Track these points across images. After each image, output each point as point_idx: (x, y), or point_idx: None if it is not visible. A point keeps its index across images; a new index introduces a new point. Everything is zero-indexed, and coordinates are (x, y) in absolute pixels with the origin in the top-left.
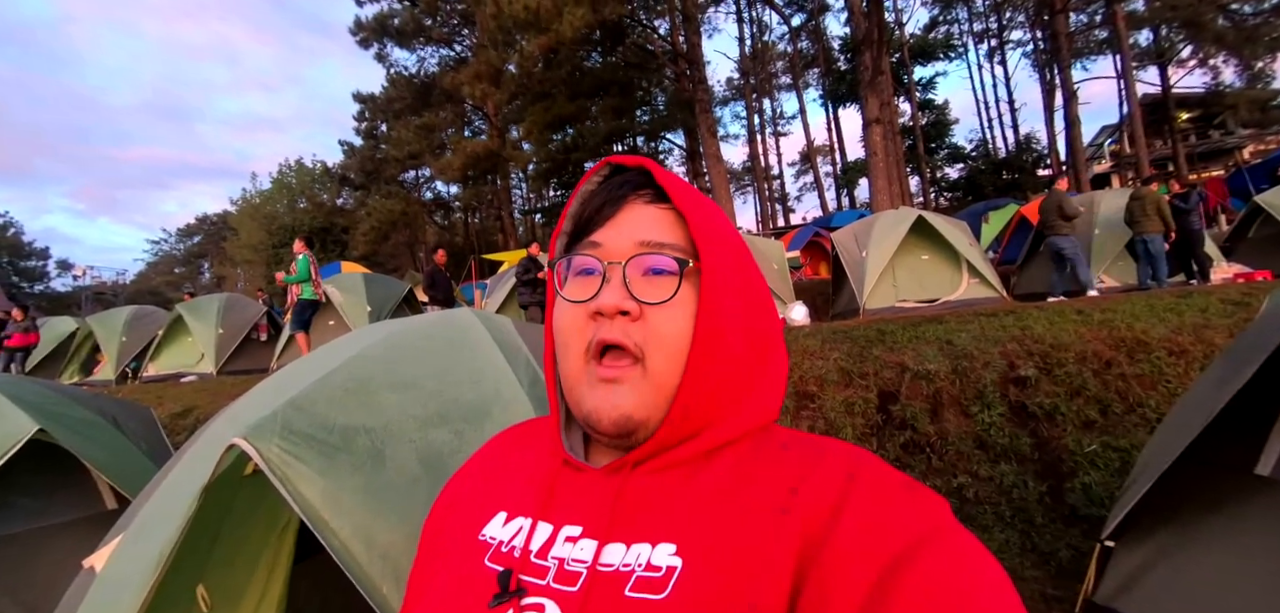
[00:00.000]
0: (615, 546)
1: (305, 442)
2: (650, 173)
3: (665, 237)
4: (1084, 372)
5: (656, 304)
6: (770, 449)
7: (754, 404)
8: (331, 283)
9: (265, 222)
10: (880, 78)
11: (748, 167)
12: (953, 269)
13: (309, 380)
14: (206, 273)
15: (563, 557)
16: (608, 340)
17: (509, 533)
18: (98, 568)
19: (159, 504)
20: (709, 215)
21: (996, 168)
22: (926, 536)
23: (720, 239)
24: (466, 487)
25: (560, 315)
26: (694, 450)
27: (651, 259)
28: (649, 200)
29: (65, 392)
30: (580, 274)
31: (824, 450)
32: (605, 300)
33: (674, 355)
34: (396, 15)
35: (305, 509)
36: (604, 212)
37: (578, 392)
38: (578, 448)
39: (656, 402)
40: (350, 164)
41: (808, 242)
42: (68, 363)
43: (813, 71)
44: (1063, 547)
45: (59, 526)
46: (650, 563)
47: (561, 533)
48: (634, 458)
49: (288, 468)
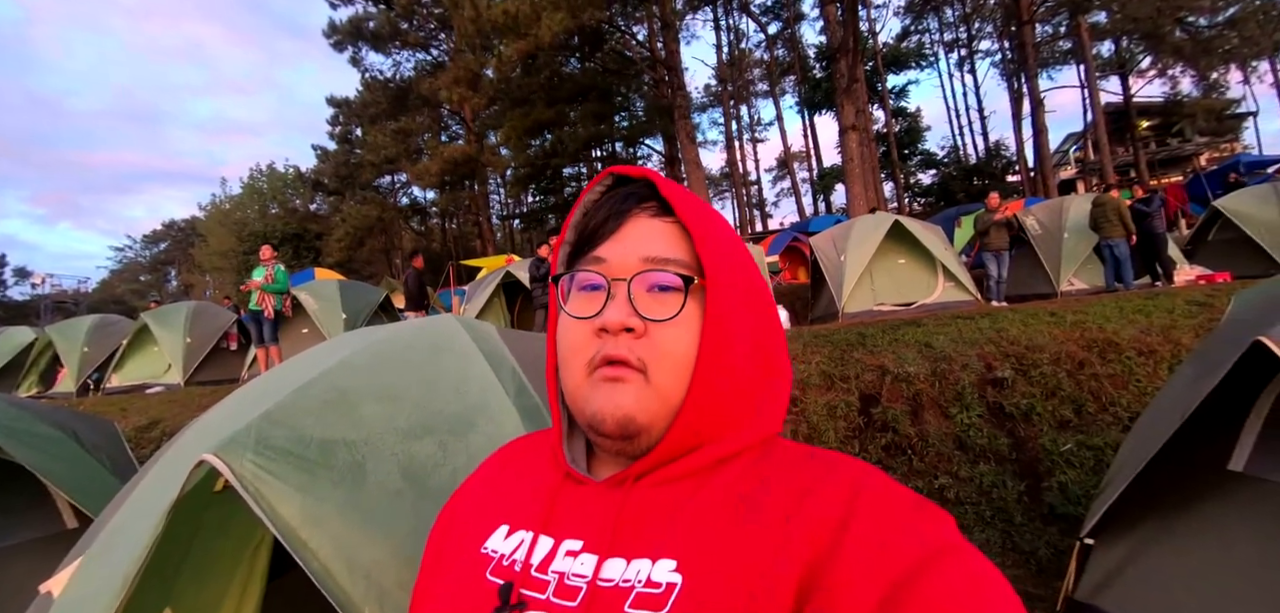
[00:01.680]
0: (616, 560)
1: (282, 457)
2: (655, 185)
3: (670, 252)
4: (1058, 372)
5: (661, 321)
6: (774, 463)
7: (758, 418)
8: (305, 290)
9: (235, 228)
10: (855, 85)
11: (726, 172)
12: (929, 273)
13: (285, 391)
14: (174, 281)
15: (563, 571)
16: (612, 356)
17: (510, 547)
18: (55, 593)
19: (123, 523)
20: (714, 229)
21: (968, 174)
22: (934, 553)
23: (725, 254)
24: (470, 500)
25: (564, 331)
26: (697, 464)
27: (656, 276)
28: (653, 214)
29: (22, 405)
30: (584, 289)
31: (829, 466)
32: (610, 318)
33: (679, 371)
34: (372, 18)
35: (282, 529)
36: (608, 225)
37: (581, 398)
38: (580, 461)
39: (660, 411)
40: (324, 169)
41: (786, 246)
42: (26, 375)
43: (789, 79)
44: (1042, 545)
45: (15, 547)
46: (650, 579)
47: (562, 547)
48: (636, 470)
49: (262, 485)
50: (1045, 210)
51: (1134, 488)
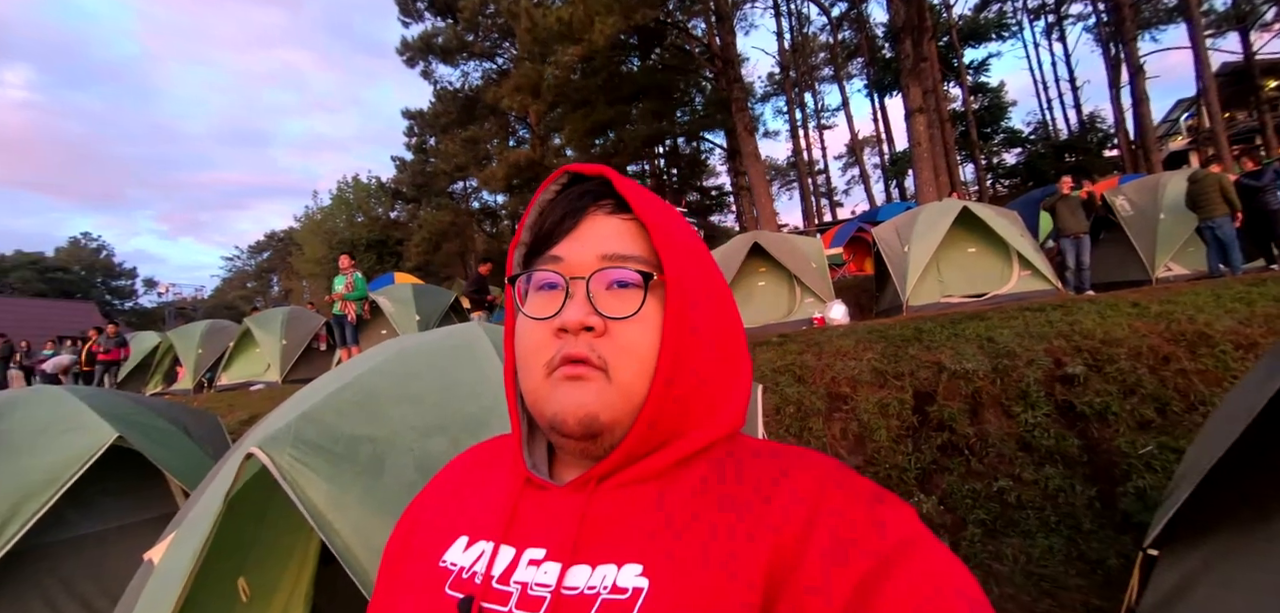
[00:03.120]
0: (580, 568)
1: (314, 450)
2: (610, 182)
3: (628, 249)
4: (1139, 368)
5: (622, 319)
6: (737, 461)
7: (720, 415)
8: (383, 294)
9: (326, 236)
10: (923, 65)
11: (792, 162)
12: (1002, 262)
13: (324, 393)
14: (276, 286)
15: (526, 581)
16: (572, 355)
17: (470, 558)
18: (155, 561)
19: (200, 506)
20: (672, 225)
21: (1058, 151)
22: (898, 547)
23: (684, 250)
24: (426, 511)
25: (522, 332)
26: (661, 463)
27: (615, 272)
28: (610, 211)
29: (142, 402)
30: (542, 289)
31: (790, 462)
32: (569, 317)
33: (641, 368)
34: (440, 34)
35: (311, 512)
36: (565, 224)
37: (542, 399)
38: (541, 466)
39: (623, 409)
40: (402, 178)
41: (851, 236)
42: (152, 374)
43: (857, 62)
44: (1112, 555)
45: (136, 524)
46: (616, 585)
47: (525, 556)
48: (599, 471)
49: (297, 474)
50: (1138, 189)
51: (1202, 495)
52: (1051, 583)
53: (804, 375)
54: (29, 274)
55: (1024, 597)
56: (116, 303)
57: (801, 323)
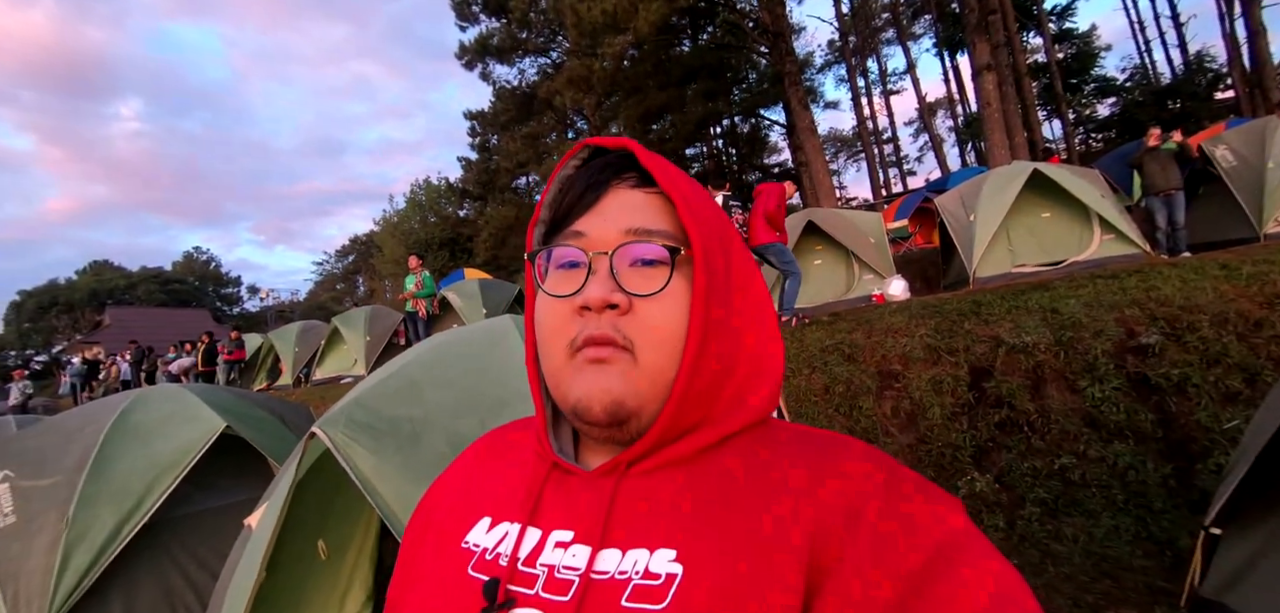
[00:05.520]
0: (610, 552)
1: (362, 429)
2: (634, 154)
3: (654, 223)
4: (1224, 336)
5: (647, 296)
6: (773, 446)
7: (752, 397)
8: (453, 289)
9: (403, 237)
10: (990, 18)
11: (857, 133)
12: (1082, 225)
13: (375, 382)
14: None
15: (553, 564)
16: (595, 337)
17: (493, 540)
18: (252, 526)
19: (280, 480)
20: (698, 199)
21: (1159, 97)
22: (945, 543)
23: (711, 224)
24: (447, 493)
25: (542, 311)
26: (692, 447)
27: (640, 248)
28: (634, 184)
29: (244, 395)
30: (563, 266)
31: (828, 447)
32: (592, 294)
33: (668, 348)
34: (495, 34)
35: (360, 479)
36: (586, 198)
37: (564, 383)
38: (567, 450)
39: (650, 393)
40: (468, 178)
41: (917, 207)
42: (258, 371)
43: (923, 20)
44: (1184, 535)
45: (242, 502)
46: (649, 570)
47: (551, 538)
48: (628, 457)
49: (349, 449)
50: (1242, 136)
51: (1266, 468)
52: (1113, 564)
53: (853, 354)
54: (152, 287)
55: (1082, 577)
56: (226, 309)
57: (860, 300)
